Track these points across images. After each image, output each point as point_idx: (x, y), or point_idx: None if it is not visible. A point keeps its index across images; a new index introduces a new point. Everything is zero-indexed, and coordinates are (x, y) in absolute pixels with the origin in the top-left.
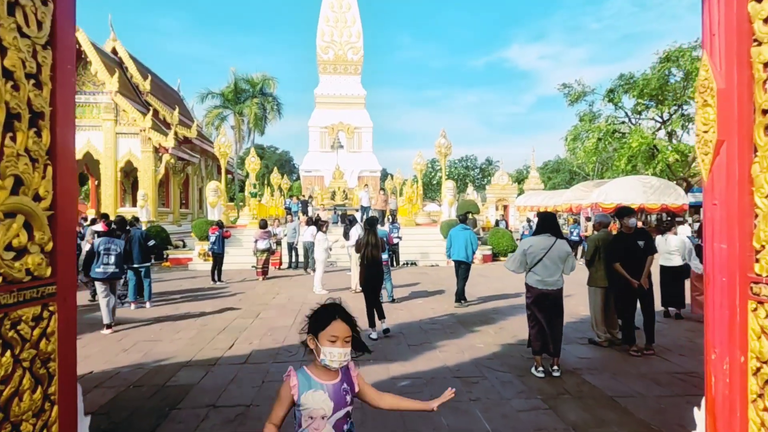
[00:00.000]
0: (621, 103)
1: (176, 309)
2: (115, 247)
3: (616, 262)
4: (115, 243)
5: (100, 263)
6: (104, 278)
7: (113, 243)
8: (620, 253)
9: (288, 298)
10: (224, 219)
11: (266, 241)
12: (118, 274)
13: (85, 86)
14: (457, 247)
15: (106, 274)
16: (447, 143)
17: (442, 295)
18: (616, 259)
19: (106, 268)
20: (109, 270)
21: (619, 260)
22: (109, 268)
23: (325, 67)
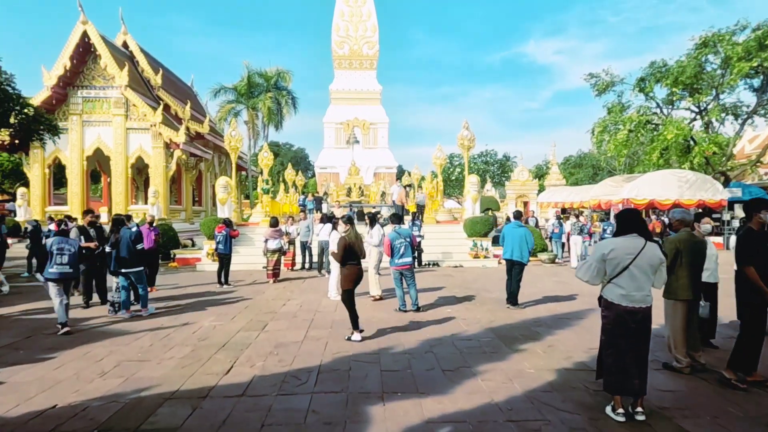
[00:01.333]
0: (652, 92)
1: (174, 319)
2: (69, 246)
3: (749, 265)
4: (69, 243)
5: (54, 263)
6: (58, 278)
7: (66, 243)
8: (753, 255)
9: (299, 305)
10: (236, 217)
11: (277, 240)
12: (72, 275)
13: (95, 81)
14: (511, 246)
15: (59, 275)
16: (470, 135)
17: (472, 303)
18: (750, 262)
19: (59, 268)
20: (63, 270)
21: (753, 264)
22: (63, 269)
23: (341, 63)
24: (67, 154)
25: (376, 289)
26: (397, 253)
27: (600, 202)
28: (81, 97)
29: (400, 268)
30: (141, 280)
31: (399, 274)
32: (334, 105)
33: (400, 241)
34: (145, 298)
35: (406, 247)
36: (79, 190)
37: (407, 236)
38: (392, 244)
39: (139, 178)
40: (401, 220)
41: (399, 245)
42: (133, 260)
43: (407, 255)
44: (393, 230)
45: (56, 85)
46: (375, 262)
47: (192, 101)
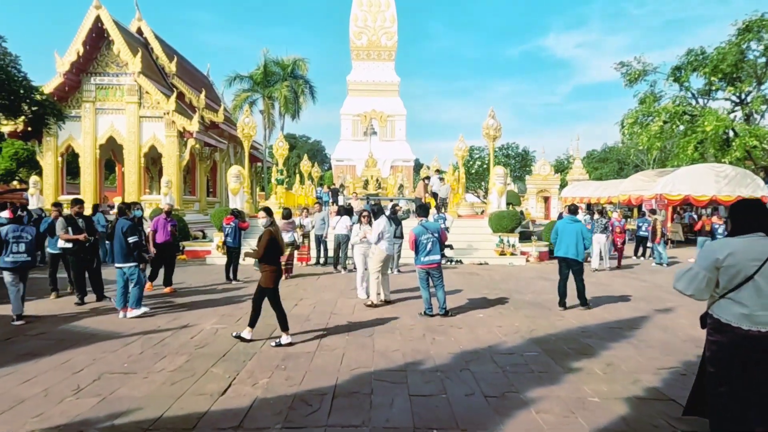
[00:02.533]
0: (688, 82)
1: (173, 319)
2: (26, 234)
3: None
4: (26, 231)
5: (9, 252)
6: (14, 268)
7: (24, 231)
8: None
9: (313, 305)
10: (248, 208)
11: (290, 233)
12: (30, 263)
13: (108, 67)
14: (566, 243)
15: (15, 264)
16: (496, 124)
17: (505, 307)
18: None
19: (15, 257)
20: (20, 259)
21: None
22: (20, 257)
23: (359, 54)
24: (80, 142)
25: (374, 292)
26: (423, 250)
27: (630, 197)
28: (94, 84)
29: (426, 266)
30: (136, 278)
31: (425, 273)
32: (351, 96)
33: (426, 237)
34: (136, 297)
35: (433, 243)
36: (92, 178)
37: (435, 231)
38: (417, 240)
39: (154, 168)
40: (427, 213)
41: (425, 241)
42: (125, 254)
43: (435, 252)
44: (419, 224)
45: (69, 72)
46: (376, 264)
47: (207, 90)
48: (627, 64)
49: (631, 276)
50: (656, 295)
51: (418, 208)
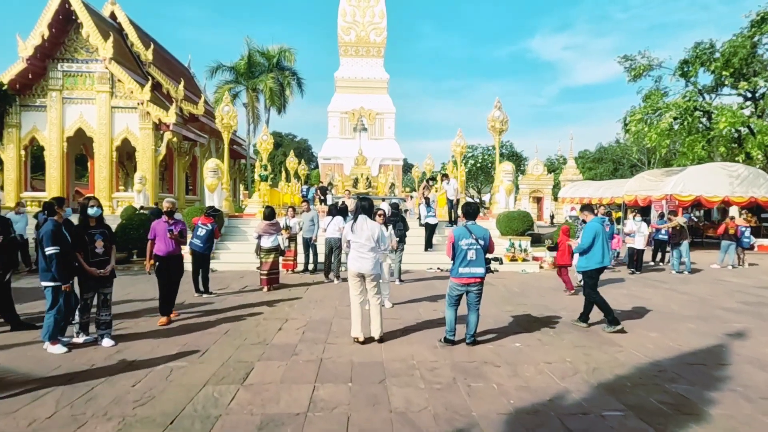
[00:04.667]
0: (696, 77)
1: (116, 352)
2: None
3: None
4: None
5: None
6: None
7: None
8: None
9: (302, 329)
10: (228, 206)
11: (274, 237)
12: None
13: (77, 53)
14: (602, 249)
15: None
16: (502, 116)
17: (544, 331)
18: None
19: None
20: None
21: None
22: None
23: (347, 50)
24: (45, 134)
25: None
26: (463, 259)
27: (637, 197)
28: (61, 71)
29: (466, 281)
30: (49, 301)
31: (461, 288)
32: (339, 94)
33: (469, 242)
34: (49, 328)
35: (477, 252)
36: (59, 174)
37: (481, 237)
38: (456, 244)
39: (129, 164)
40: (475, 215)
41: (466, 247)
42: (43, 269)
43: (478, 263)
44: (462, 225)
45: (33, 57)
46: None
47: (188, 82)
48: (631, 59)
49: (662, 286)
50: (710, 313)
51: (464, 206)
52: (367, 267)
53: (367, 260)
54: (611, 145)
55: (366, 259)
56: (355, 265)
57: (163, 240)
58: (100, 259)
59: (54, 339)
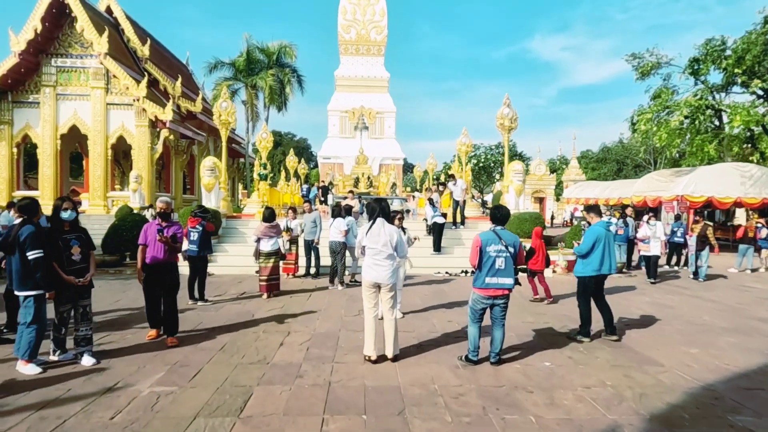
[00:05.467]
0: (707, 75)
1: (97, 376)
2: None
3: None
4: None
5: None
6: None
7: None
8: None
9: (306, 344)
10: (226, 207)
11: (274, 240)
12: None
13: (71, 48)
14: (609, 254)
15: None
16: (512, 114)
17: (573, 348)
18: None
19: None
20: None
21: None
22: None
23: (347, 48)
24: (39, 131)
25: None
26: (491, 267)
27: (646, 198)
28: (55, 67)
29: (492, 292)
30: (32, 314)
31: (486, 301)
32: (339, 92)
33: (497, 248)
34: (28, 344)
35: (506, 260)
36: (52, 172)
37: (513, 244)
38: (483, 250)
39: (125, 162)
40: (505, 220)
41: (494, 254)
42: (22, 276)
43: (507, 273)
44: (490, 230)
45: (25, 52)
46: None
47: (186, 80)
48: (639, 56)
49: (684, 292)
50: (747, 324)
51: (493, 210)
52: (384, 276)
53: (384, 268)
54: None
55: (382, 267)
56: (370, 273)
57: (153, 245)
58: (78, 266)
59: (32, 357)
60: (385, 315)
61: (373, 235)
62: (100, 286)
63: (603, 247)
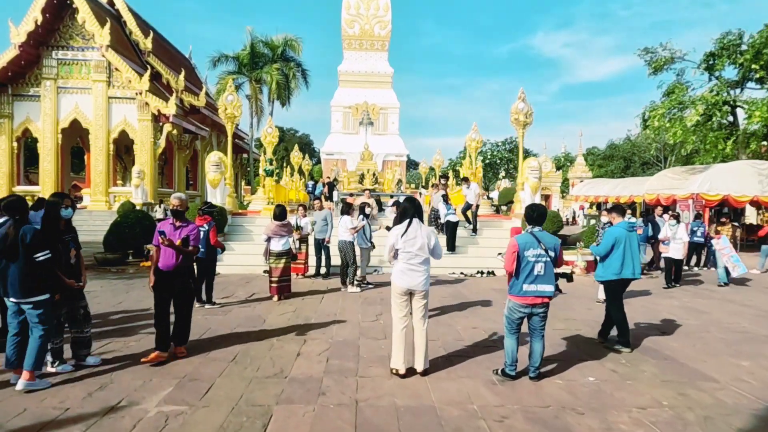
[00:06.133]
0: (722, 70)
1: (98, 388)
2: None
3: None
4: None
5: None
6: None
7: None
8: None
9: (326, 353)
10: (231, 203)
11: (285, 239)
12: None
13: (72, 40)
14: (631, 257)
15: None
16: (527, 108)
17: (615, 360)
18: None
19: None
20: None
21: None
22: None
23: (350, 43)
24: (39, 125)
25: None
26: (529, 274)
27: (659, 196)
28: (56, 59)
29: (531, 300)
30: (41, 319)
31: (523, 310)
32: (342, 88)
33: (536, 253)
34: (35, 354)
35: (546, 265)
36: (53, 167)
37: (553, 248)
38: (521, 255)
39: (127, 157)
40: (542, 220)
41: (533, 259)
42: (29, 282)
43: (547, 279)
44: (527, 232)
45: (26, 44)
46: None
47: (189, 73)
48: (652, 51)
49: (713, 295)
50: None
51: (528, 210)
52: (418, 282)
53: (419, 274)
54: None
55: (417, 272)
56: (402, 279)
57: (164, 250)
58: (72, 269)
59: (39, 369)
60: (416, 325)
61: (409, 237)
62: (101, 286)
63: (623, 250)
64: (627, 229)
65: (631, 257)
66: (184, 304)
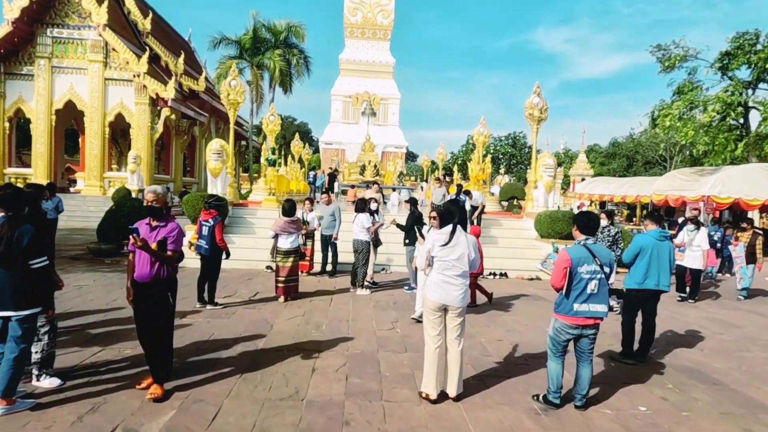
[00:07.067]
0: (736, 70)
1: (89, 410)
2: None
3: None
4: None
5: None
6: None
7: None
8: None
9: (343, 369)
10: (232, 194)
11: (294, 236)
12: None
13: (68, 18)
14: (657, 268)
15: None
16: (542, 103)
17: (655, 380)
18: None
19: None
20: None
21: None
22: None
23: (352, 31)
24: (32, 105)
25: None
26: (582, 292)
27: (668, 197)
28: (50, 38)
29: (582, 321)
30: (26, 335)
31: (572, 332)
32: (343, 77)
33: (591, 269)
34: (15, 376)
35: (601, 282)
36: (46, 149)
37: (609, 263)
38: (573, 270)
39: (123, 142)
40: (595, 229)
41: (587, 276)
42: (25, 291)
43: (601, 299)
44: (580, 244)
45: (19, 20)
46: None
47: (188, 57)
48: (665, 48)
49: (740, 307)
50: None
51: (581, 219)
52: (456, 297)
53: (456, 288)
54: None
55: (454, 286)
56: (437, 293)
57: (138, 254)
58: None
59: (12, 394)
60: (450, 346)
61: (450, 245)
62: (94, 279)
63: (649, 260)
64: (657, 238)
65: (657, 268)
66: (162, 326)
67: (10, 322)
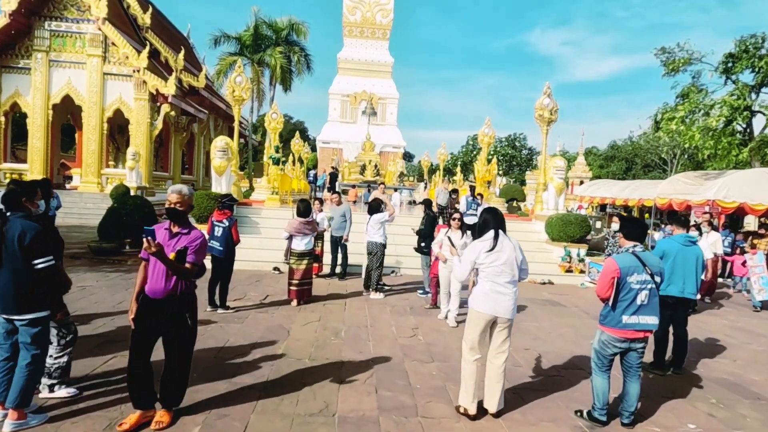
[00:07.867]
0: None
1: (105, 430)
2: None
3: None
4: None
5: None
6: None
7: None
8: None
9: (371, 381)
10: (237, 192)
11: (308, 238)
12: None
13: (66, 11)
14: (682, 274)
15: None
16: (552, 105)
17: (696, 394)
18: None
19: None
20: None
21: None
22: None
23: (351, 30)
24: (29, 99)
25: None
26: (631, 303)
27: (672, 201)
28: (48, 31)
29: (631, 335)
30: (37, 341)
31: (620, 345)
32: (341, 76)
33: (641, 279)
34: (29, 387)
35: (651, 293)
36: (42, 144)
37: (659, 272)
38: (623, 280)
39: (121, 138)
40: (644, 234)
41: (638, 286)
42: (29, 293)
43: (651, 311)
44: (629, 251)
45: (16, 12)
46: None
47: (187, 53)
48: (669, 51)
49: (759, 314)
50: None
51: (629, 225)
52: (507, 308)
53: (506, 297)
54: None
55: (505, 296)
56: (487, 304)
57: (153, 264)
58: None
59: (28, 405)
60: (493, 359)
61: (496, 250)
62: (97, 280)
63: (672, 265)
64: (682, 243)
65: (683, 274)
66: (179, 350)
67: (21, 327)
